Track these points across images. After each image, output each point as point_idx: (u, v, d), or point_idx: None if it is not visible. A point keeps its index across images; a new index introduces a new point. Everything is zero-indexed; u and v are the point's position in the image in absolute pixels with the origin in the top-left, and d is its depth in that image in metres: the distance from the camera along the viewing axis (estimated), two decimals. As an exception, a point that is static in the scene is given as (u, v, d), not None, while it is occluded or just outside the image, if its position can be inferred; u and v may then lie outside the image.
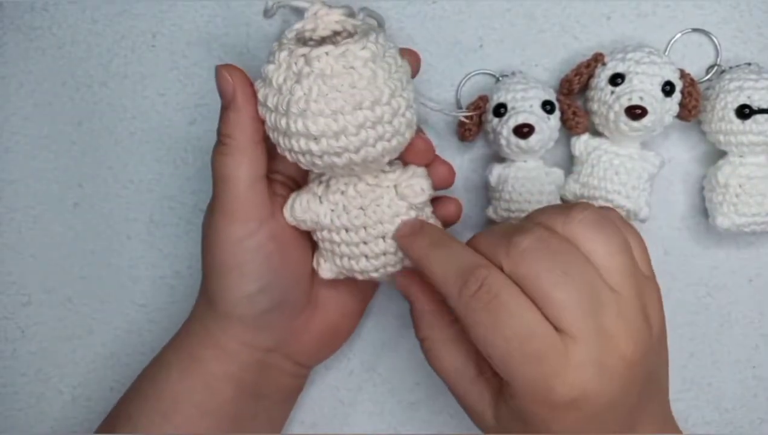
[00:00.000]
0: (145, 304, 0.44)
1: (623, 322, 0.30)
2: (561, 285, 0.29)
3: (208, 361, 0.36)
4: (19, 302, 0.44)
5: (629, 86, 0.38)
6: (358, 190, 0.34)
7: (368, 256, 0.34)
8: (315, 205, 0.34)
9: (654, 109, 0.38)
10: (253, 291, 0.35)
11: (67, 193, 0.44)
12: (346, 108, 0.30)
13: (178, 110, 0.43)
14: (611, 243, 0.31)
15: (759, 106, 0.38)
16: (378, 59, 0.31)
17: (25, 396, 0.44)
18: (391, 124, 0.31)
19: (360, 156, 0.31)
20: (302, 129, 0.30)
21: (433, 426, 0.43)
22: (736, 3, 0.42)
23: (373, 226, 0.34)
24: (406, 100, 0.32)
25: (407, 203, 0.34)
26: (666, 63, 0.39)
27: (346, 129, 0.30)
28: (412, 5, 0.42)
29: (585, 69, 0.40)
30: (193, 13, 0.43)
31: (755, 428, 0.43)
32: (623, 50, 0.39)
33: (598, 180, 0.40)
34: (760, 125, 0.38)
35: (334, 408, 0.43)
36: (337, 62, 0.30)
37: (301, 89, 0.30)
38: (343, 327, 0.40)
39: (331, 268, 0.36)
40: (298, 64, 0.30)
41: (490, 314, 0.29)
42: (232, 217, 0.34)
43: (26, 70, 0.43)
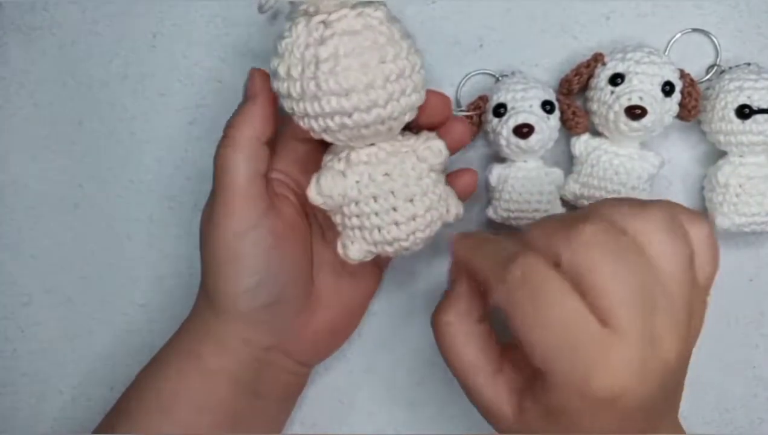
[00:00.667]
0: (145, 304, 0.44)
1: (672, 327, 0.30)
2: (619, 280, 0.29)
3: (207, 358, 0.36)
4: (19, 302, 0.44)
5: (629, 86, 0.38)
6: (379, 158, 0.34)
7: (398, 223, 0.34)
8: (340, 180, 0.34)
9: (654, 109, 0.38)
10: (251, 285, 0.35)
11: (67, 194, 0.44)
12: (372, 62, 0.31)
13: (178, 110, 0.43)
14: (677, 251, 0.30)
15: (759, 106, 0.38)
16: (392, 19, 0.32)
17: (25, 396, 0.44)
18: (411, 78, 0.32)
19: (387, 111, 0.32)
20: (334, 86, 0.31)
21: (433, 426, 0.43)
22: (736, 3, 0.42)
23: (401, 190, 0.34)
24: (420, 58, 0.33)
25: (428, 165, 0.35)
26: (666, 63, 0.39)
27: (375, 82, 0.31)
28: (411, 5, 0.42)
29: (585, 69, 0.40)
30: (194, 13, 0.43)
31: (755, 428, 0.43)
32: (623, 50, 0.39)
33: (597, 180, 0.40)
34: (760, 125, 0.38)
35: (333, 408, 0.43)
36: (357, 21, 0.31)
37: (327, 49, 0.31)
38: (344, 325, 0.40)
39: (360, 248, 0.35)
40: (318, 30, 0.31)
41: (532, 301, 0.29)
42: (231, 209, 0.34)
43: (26, 70, 0.43)
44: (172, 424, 0.36)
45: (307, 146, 0.37)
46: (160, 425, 0.36)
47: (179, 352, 0.37)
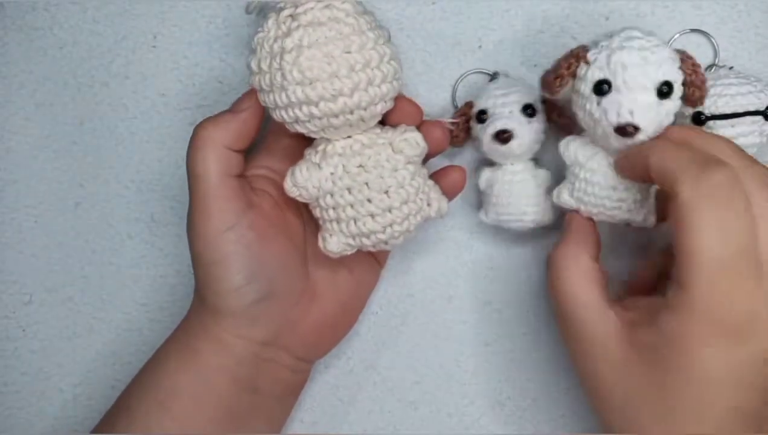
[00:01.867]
0: (146, 303, 0.44)
1: None
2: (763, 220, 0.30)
3: (205, 354, 0.36)
4: (20, 301, 0.44)
5: (617, 98, 0.33)
6: (354, 150, 0.34)
7: (374, 215, 0.34)
8: (315, 172, 0.34)
9: (649, 122, 0.33)
10: (239, 283, 0.35)
11: (68, 193, 0.44)
12: (336, 51, 0.32)
13: (178, 110, 0.43)
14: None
15: (710, 112, 0.38)
16: (360, 12, 0.33)
17: (26, 395, 0.44)
18: (380, 69, 0.33)
19: (354, 100, 0.32)
20: (298, 76, 0.32)
21: (433, 425, 0.43)
22: (734, 3, 0.42)
23: (375, 182, 0.34)
24: (390, 50, 0.34)
25: (404, 157, 0.35)
26: (661, 60, 0.33)
27: (339, 71, 0.32)
28: (411, 6, 0.42)
29: (566, 71, 0.35)
30: (194, 13, 0.43)
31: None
32: (609, 45, 0.34)
33: (595, 197, 0.37)
34: (712, 131, 0.38)
35: (333, 406, 0.44)
36: (322, 13, 0.32)
37: (292, 40, 0.32)
38: (342, 319, 0.40)
39: (338, 241, 0.35)
40: (286, 23, 0.32)
41: (722, 211, 0.29)
42: (207, 212, 0.35)
43: (27, 70, 0.43)
44: (172, 419, 0.36)
45: (294, 141, 0.37)
46: (159, 420, 0.36)
47: (178, 350, 0.37)
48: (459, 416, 0.43)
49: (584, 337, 0.34)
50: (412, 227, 0.36)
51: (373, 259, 0.41)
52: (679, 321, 0.30)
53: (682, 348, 0.30)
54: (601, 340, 0.33)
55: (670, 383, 0.31)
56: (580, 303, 0.34)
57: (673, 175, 0.31)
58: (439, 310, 0.43)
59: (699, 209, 0.29)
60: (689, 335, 0.30)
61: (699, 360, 0.30)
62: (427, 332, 0.43)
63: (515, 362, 0.43)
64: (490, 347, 0.43)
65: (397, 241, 0.36)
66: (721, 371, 0.30)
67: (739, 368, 0.30)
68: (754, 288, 0.30)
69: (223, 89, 0.43)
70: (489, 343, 0.43)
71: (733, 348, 0.30)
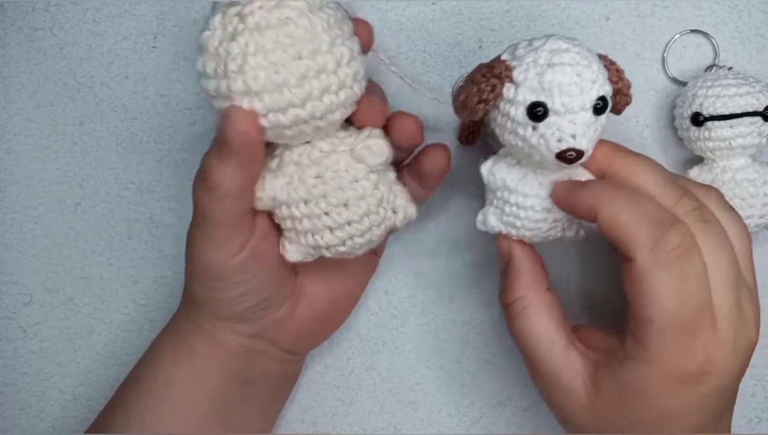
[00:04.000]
0: (146, 303, 0.44)
1: (751, 304, 0.31)
2: (716, 256, 0.30)
3: (198, 348, 0.37)
4: (20, 302, 0.44)
5: (556, 122, 0.30)
6: (312, 159, 0.32)
7: (332, 228, 0.32)
8: (270, 181, 0.32)
9: (590, 142, 0.30)
10: (233, 296, 0.35)
11: (68, 194, 0.44)
12: (285, 58, 0.29)
13: (178, 111, 0.43)
14: (742, 232, 0.32)
15: (709, 113, 0.38)
16: (315, 9, 0.30)
17: (26, 395, 0.44)
18: (336, 74, 0.30)
19: (307, 111, 0.29)
20: (243, 87, 0.29)
21: (433, 425, 0.43)
22: (735, 3, 0.42)
23: (333, 194, 0.32)
24: (350, 50, 0.30)
25: (366, 166, 0.32)
26: (595, 75, 0.30)
27: (288, 81, 0.29)
28: (411, 6, 0.42)
29: (491, 93, 0.31)
30: (194, 14, 0.43)
31: (753, 427, 0.43)
32: (536, 62, 0.30)
33: (529, 221, 0.34)
34: (711, 132, 0.38)
35: (333, 407, 0.44)
36: (271, 14, 0.29)
37: (238, 46, 0.29)
38: (332, 316, 0.40)
39: (297, 249, 0.34)
40: (232, 24, 0.29)
41: (679, 274, 0.29)
42: (212, 244, 0.33)
43: (28, 70, 0.43)
44: (168, 410, 0.36)
45: None
46: (155, 414, 0.36)
47: (172, 344, 0.38)
48: (459, 417, 0.43)
49: (550, 380, 0.33)
50: (375, 238, 0.34)
51: (372, 251, 0.39)
52: (639, 374, 0.30)
53: (644, 399, 0.31)
54: (566, 384, 0.33)
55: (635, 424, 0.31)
56: (543, 347, 0.33)
57: (627, 238, 0.30)
58: (440, 310, 0.43)
59: (657, 277, 0.29)
60: (650, 388, 0.30)
61: (659, 406, 0.31)
62: (428, 333, 0.43)
63: (516, 363, 0.43)
64: (491, 348, 0.43)
65: (359, 252, 0.34)
66: (683, 409, 0.31)
67: (698, 402, 0.31)
68: (710, 336, 0.30)
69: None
70: (490, 344, 0.43)
71: (693, 389, 0.30)
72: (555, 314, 0.34)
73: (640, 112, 0.42)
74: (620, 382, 0.31)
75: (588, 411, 0.32)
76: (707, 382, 0.30)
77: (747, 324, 0.31)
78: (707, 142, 0.39)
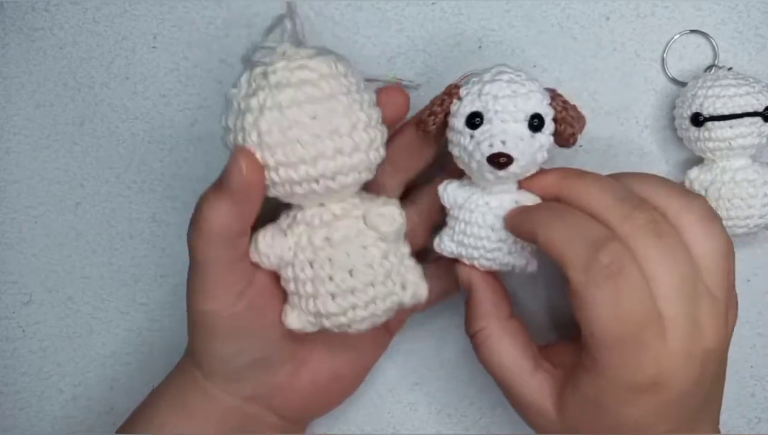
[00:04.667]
0: (146, 303, 0.44)
1: (712, 316, 0.31)
2: (667, 269, 0.30)
3: (193, 403, 0.36)
4: (20, 301, 0.44)
5: (489, 129, 0.32)
6: (323, 220, 0.32)
7: (334, 295, 0.32)
8: (279, 240, 0.32)
9: (521, 153, 0.32)
10: (228, 353, 0.34)
11: (68, 193, 0.44)
12: (300, 115, 0.29)
13: (179, 111, 0.43)
14: (717, 245, 0.31)
15: (709, 113, 0.38)
16: (337, 76, 0.30)
17: (26, 395, 0.44)
18: (351, 137, 0.30)
19: (318, 169, 0.30)
20: (256, 139, 0.30)
21: (432, 426, 0.43)
22: (734, 4, 0.42)
23: (339, 258, 0.31)
24: (368, 117, 0.31)
25: (377, 233, 0.32)
26: (531, 91, 0.33)
27: (302, 138, 0.29)
28: (411, 6, 0.42)
29: (439, 107, 0.34)
30: (194, 14, 0.43)
31: (753, 427, 0.43)
32: (480, 80, 0.33)
33: (474, 238, 0.35)
34: (710, 132, 0.38)
35: (333, 407, 0.44)
36: (293, 74, 0.30)
37: (256, 101, 0.30)
38: (336, 388, 0.39)
39: (298, 317, 0.33)
40: (256, 81, 0.30)
41: (613, 291, 0.29)
42: (205, 295, 0.32)
43: (27, 70, 0.43)
44: None
45: None
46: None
47: (169, 396, 0.37)
48: (459, 417, 0.43)
49: (521, 403, 0.34)
50: (380, 312, 0.32)
51: (386, 329, 0.38)
52: (596, 386, 0.31)
53: (604, 409, 0.31)
54: (537, 407, 0.34)
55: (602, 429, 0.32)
56: (510, 374, 0.34)
57: (562, 259, 0.30)
58: (439, 310, 0.43)
59: (591, 295, 0.29)
60: (607, 399, 0.31)
61: (621, 415, 0.31)
62: (428, 333, 0.43)
63: (515, 363, 0.43)
64: (490, 348, 0.43)
65: (361, 327, 0.33)
66: (646, 418, 0.31)
67: (660, 409, 0.31)
68: (660, 346, 0.30)
69: (223, 90, 0.42)
70: (489, 344, 0.43)
71: (651, 398, 0.30)
72: (519, 341, 0.34)
73: (639, 112, 0.42)
74: (582, 394, 0.32)
75: (559, 426, 0.33)
76: (663, 393, 0.30)
77: (702, 335, 0.31)
78: (707, 143, 0.39)
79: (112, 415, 0.43)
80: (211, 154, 0.42)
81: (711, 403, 0.34)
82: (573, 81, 0.42)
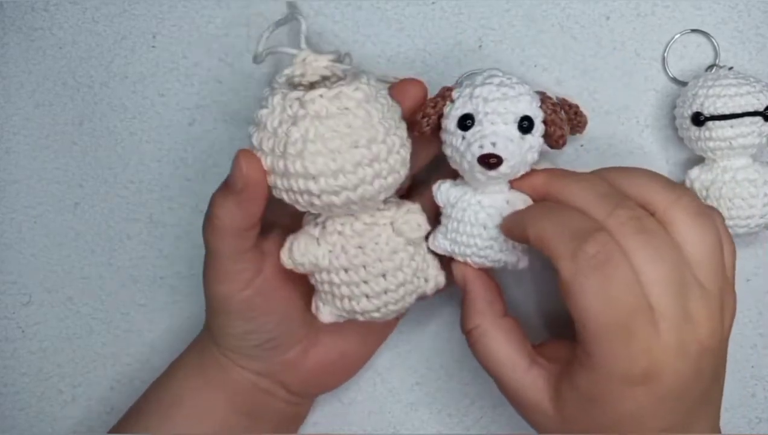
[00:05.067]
0: (146, 303, 0.44)
1: (705, 309, 0.31)
2: (653, 262, 0.30)
3: (209, 372, 0.38)
4: (19, 302, 0.44)
5: (479, 130, 0.33)
6: (355, 230, 0.34)
7: (369, 296, 0.34)
8: (313, 248, 0.34)
9: (511, 154, 0.33)
10: (240, 332, 0.36)
11: (67, 193, 0.44)
12: (343, 147, 0.30)
13: (177, 111, 0.43)
14: (706, 239, 0.32)
15: (710, 112, 0.38)
16: (371, 100, 0.31)
17: (25, 396, 0.44)
18: (387, 161, 0.31)
19: (358, 194, 0.31)
20: (300, 169, 0.31)
21: (432, 426, 0.43)
22: (735, 3, 0.42)
23: (373, 265, 0.34)
24: (400, 139, 0.32)
25: (404, 239, 0.34)
26: (521, 94, 0.34)
27: (344, 167, 0.31)
28: (411, 6, 0.42)
29: (432, 109, 0.35)
30: (193, 14, 0.43)
31: (753, 427, 0.43)
32: (471, 83, 0.34)
33: (467, 236, 0.36)
34: (711, 131, 0.38)
35: (333, 407, 0.44)
36: (331, 103, 0.31)
37: (298, 131, 0.30)
38: (343, 367, 0.40)
39: (331, 312, 0.35)
40: (293, 108, 0.31)
41: (601, 280, 0.30)
42: (217, 278, 0.35)
43: (27, 70, 0.43)
44: (174, 426, 0.37)
45: None
46: (161, 425, 0.37)
47: (188, 362, 0.39)
48: (459, 417, 0.43)
49: (517, 399, 0.35)
50: (408, 304, 0.35)
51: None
52: (590, 380, 0.31)
53: (599, 404, 0.31)
54: (533, 403, 0.34)
55: (599, 429, 0.32)
56: (505, 370, 0.35)
57: (551, 252, 0.31)
58: (440, 309, 0.43)
59: (580, 285, 0.30)
60: (601, 393, 0.31)
61: (616, 409, 0.31)
62: (428, 332, 0.44)
63: (515, 363, 0.43)
64: (490, 348, 0.43)
65: (391, 317, 0.35)
66: (640, 412, 0.31)
67: (654, 405, 0.31)
68: (651, 337, 0.30)
69: (222, 89, 0.43)
70: (489, 344, 0.43)
71: (644, 392, 0.31)
72: (514, 337, 0.35)
73: (640, 112, 0.42)
74: (577, 389, 0.32)
75: (556, 421, 0.33)
76: (657, 386, 0.31)
77: (695, 329, 0.31)
78: (708, 142, 0.39)
79: (112, 415, 0.43)
80: (211, 154, 0.42)
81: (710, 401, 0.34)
82: (573, 80, 0.42)
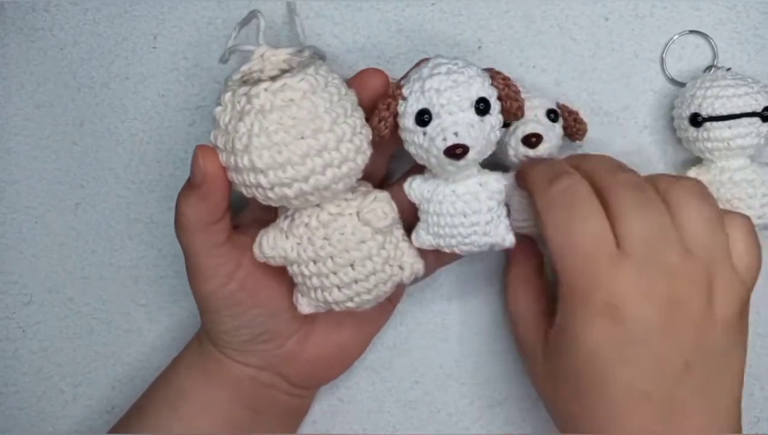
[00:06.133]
0: (146, 303, 0.44)
1: (684, 266, 0.32)
2: (639, 218, 0.32)
3: (211, 368, 0.38)
4: (20, 302, 0.44)
5: (439, 123, 0.33)
6: (320, 221, 0.34)
7: (340, 287, 0.34)
8: (281, 241, 0.34)
9: (475, 139, 0.33)
10: (230, 328, 0.37)
11: (68, 194, 0.44)
12: (288, 139, 0.31)
13: (178, 111, 0.43)
14: (702, 215, 0.33)
15: (708, 113, 0.38)
16: (318, 90, 0.32)
17: (26, 395, 0.44)
18: (338, 150, 0.32)
19: (310, 185, 0.32)
20: (248, 164, 0.31)
21: (432, 425, 0.44)
22: (733, 4, 0.42)
23: (340, 255, 0.34)
24: (352, 127, 0.32)
25: (371, 228, 0.34)
26: (471, 77, 0.34)
27: (291, 159, 0.31)
28: (410, 7, 0.42)
29: (386, 111, 0.34)
30: (194, 14, 0.43)
31: (752, 427, 0.43)
32: (419, 77, 0.34)
33: (449, 228, 0.36)
34: (709, 132, 0.38)
35: (332, 406, 0.44)
36: (276, 96, 0.31)
37: (244, 126, 0.31)
38: (341, 357, 0.41)
39: (309, 302, 0.36)
40: (240, 103, 0.31)
41: (568, 211, 0.32)
42: (197, 276, 0.36)
43: (27, 71, 0.43)
44: (179, 419, 0.38)
45: None
46: (166, 420, 0.38)
47: (190, 358, 0.40)
48: (458, 416, 0.43)
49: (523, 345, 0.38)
50: (382, 293, 0.35)
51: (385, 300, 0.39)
52: (563, 310, 0.33)
53: (566, 335, 0.33)
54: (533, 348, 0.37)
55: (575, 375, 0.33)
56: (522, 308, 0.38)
57: (530, 188, 0.35)
58: (439, 309, 0.43)
59: (550, 212, 0.33)
60: (571, 320, 0.33)
61: (584, 343, 0.32)
62: (427, 332, 0.44)
63: (515, 362, 0.43)
64: (490, 347, 0.43)
65: (368, 306, 0.36)
66: (608, 350, 0.32)
67: (618, 346, 0.32)
68: (612, 270, 0.32)
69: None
70: (489, 343, 0.43)
71: (610, 327, 0.32)
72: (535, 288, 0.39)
73: (638, 112, 0.42)
74: (556, 324, 0.34)
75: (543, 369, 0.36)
76: (619, 324, 0.31)
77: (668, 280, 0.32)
78: (706, 143, 0.39)
79: (113, 414, 0.43)
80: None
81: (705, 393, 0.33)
82: (572, 81, 0.42)
